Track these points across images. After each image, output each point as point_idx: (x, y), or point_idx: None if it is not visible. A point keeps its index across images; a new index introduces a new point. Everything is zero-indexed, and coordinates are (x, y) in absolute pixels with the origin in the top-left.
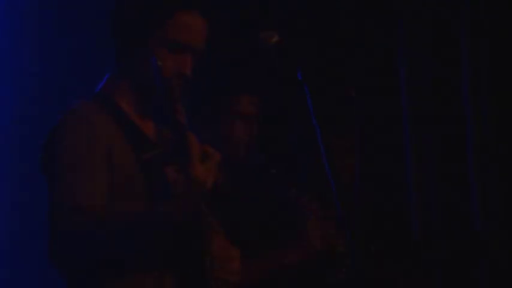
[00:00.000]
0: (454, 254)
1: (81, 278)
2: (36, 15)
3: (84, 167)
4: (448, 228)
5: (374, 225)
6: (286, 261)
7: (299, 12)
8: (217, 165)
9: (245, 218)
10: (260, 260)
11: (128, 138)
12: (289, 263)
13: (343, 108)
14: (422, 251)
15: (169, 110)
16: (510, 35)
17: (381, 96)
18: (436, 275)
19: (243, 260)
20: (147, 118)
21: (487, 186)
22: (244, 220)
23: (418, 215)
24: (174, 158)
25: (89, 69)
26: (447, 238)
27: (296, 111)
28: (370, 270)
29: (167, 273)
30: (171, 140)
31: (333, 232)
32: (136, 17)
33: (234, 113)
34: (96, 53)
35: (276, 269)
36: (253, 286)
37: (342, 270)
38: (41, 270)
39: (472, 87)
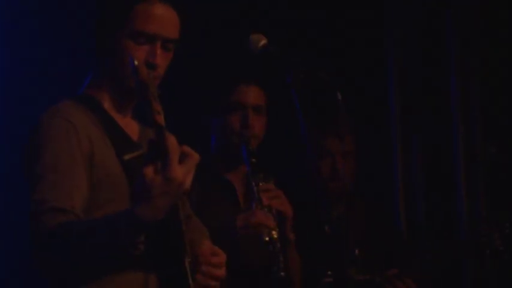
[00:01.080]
0: (440, 256)
1: (64, 279)
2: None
3: (65, 167)
4: (434, 230)
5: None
6: None
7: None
8: (195, 165)
9: None
10: None
11: (110, 138)
12: None
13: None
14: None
15: (148, 111)
16: (499, 41)
17: (370, 102)
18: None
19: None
20: (129, 117)
21: (473, 190)
22: None
23: (404, 217)
24: (152, 158)
25: (71, 68)
26: (433, 240)
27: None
28: (354, 274)
29: (151, 274)
30: (150, 140)
31: None
32: (100, 14)
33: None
34: (79, 52)
35: None
36: None
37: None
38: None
39: (461, 93)
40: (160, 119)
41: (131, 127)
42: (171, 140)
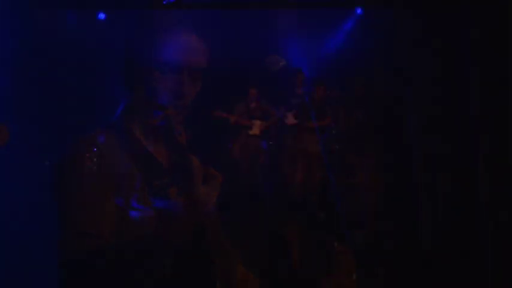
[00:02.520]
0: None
1: None
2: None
3: (94, 194)
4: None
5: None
6: None
7: None
8: (219, 186)
9: None
10: None
11: (141, 165)
12: None
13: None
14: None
15: (171, 134)
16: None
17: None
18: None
19: None
20: (161, 144)
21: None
22: None
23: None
24: (175, 179)
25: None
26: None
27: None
28: None
29: None
30: (173, 162)
31: None
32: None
33: None
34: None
35: None
36: None
37: None
38: None
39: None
40: (183, 140)
41: (162, 154)
42: (194, 161)
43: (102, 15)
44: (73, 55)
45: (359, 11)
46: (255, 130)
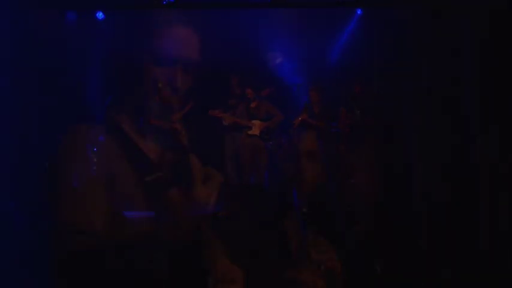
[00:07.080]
0: None
1: None
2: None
3: (85, 190)
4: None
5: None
6: None
7: None
8: (219, 186)
9: None
10: None
11: (129, 160)
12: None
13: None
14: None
15: (170, 132)
16: None
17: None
18: None
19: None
20: (150, 139)
21: None
22: None
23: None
24: (176, 179)
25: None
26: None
27: None
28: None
29: None
30: (173, 161)
31: None
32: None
33: None
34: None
35: None
36: None
37: None
38: None
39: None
40: (184, 140)
41: (151, 149)
42: (194, 161)
43: (100, 15)
44: (66, 54)
45: (359, 11)
46: (255, 130)
